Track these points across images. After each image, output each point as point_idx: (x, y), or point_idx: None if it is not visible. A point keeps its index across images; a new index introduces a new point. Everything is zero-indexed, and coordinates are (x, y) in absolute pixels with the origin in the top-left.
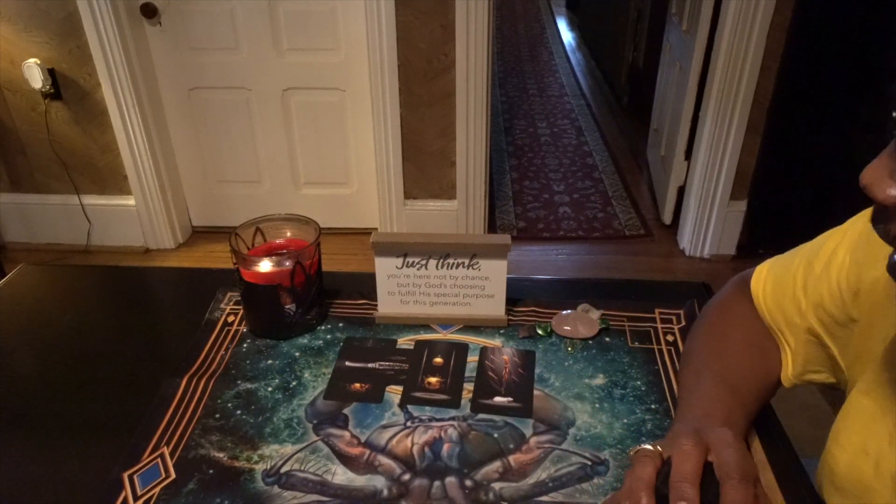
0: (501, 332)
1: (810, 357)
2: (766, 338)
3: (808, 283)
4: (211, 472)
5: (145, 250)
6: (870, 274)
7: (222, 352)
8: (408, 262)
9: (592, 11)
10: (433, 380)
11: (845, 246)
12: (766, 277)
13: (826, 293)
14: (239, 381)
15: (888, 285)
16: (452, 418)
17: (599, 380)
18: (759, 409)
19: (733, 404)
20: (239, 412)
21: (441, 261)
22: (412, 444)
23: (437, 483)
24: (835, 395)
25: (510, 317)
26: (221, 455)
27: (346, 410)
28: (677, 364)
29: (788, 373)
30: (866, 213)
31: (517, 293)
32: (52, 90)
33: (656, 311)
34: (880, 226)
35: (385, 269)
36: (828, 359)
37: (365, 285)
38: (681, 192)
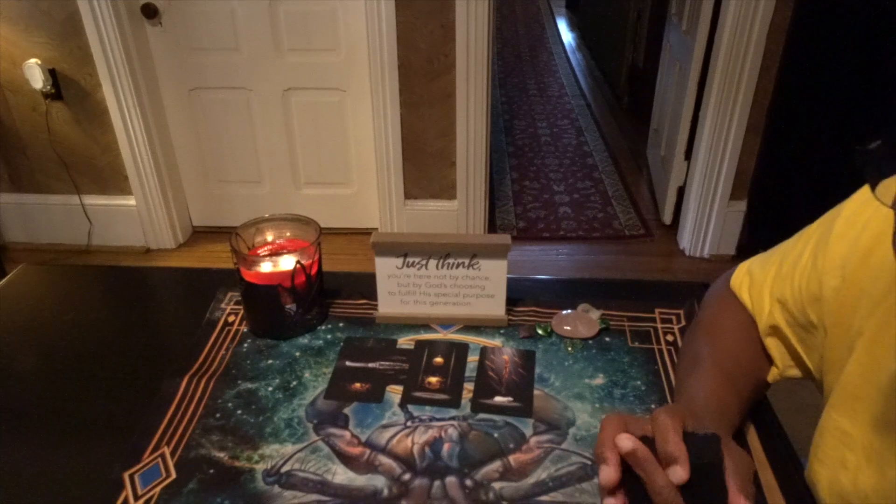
0: (501, 331)
1: (781, 353)
2: (757, 329)
3: (775, 282)
4: (211, 471)
5: (146, 250)
6: (829, 283)
7: (223, 352)
8: (408, 262)
9: (592, 12)
10: (433, 379)
11: (809, 250)
12: (744, 276)
13: (789, 293)
14: (239, 381)
15: (846, 296)
16: (453, 418)
17: (599, 380)
18: (754, 396)
19: (727, 393)
20: (239, 412)
21: (441, 261)
22: (412, 444)
23: (437, 483)
24: None
25: (510, 317)
26: (222, 455)
27: (346, 410)
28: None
29: (772, 369)
30: (826, 218)
31: (517, 293)
32: (52, 90)
33: (656, 311)
34: None
35: (385, 269)
36: (794, 357)
37: (365, 285)
38: (681, 192)
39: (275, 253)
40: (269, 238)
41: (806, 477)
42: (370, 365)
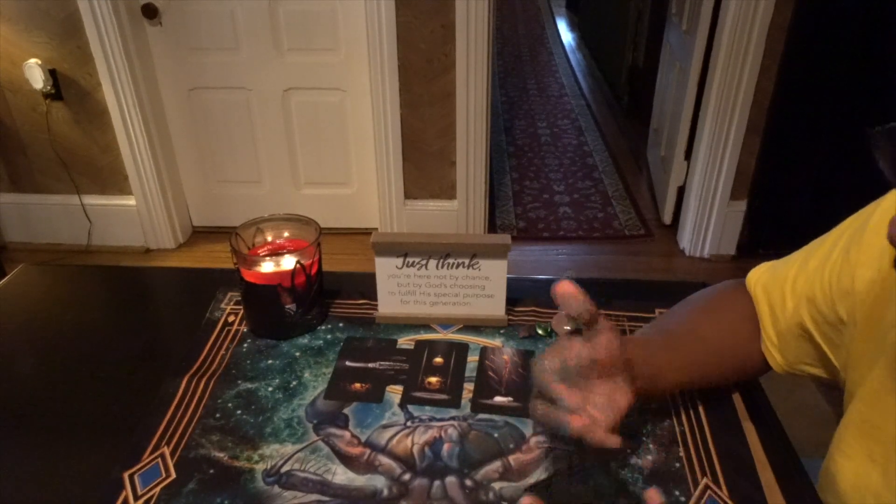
0: (501, 331)
1: (802, 351)
2: (744, 320)
3: (798, 278)
4: (211, 471)
5: (146, 250)
6: (863, 275)
7: (222, 352)
8: (408, 262)
9: (592, 11)
10: (433, 380)
11: (841, 245)
12: (762, 273)
13: (818, 290)
14: (239, 381)
15: (882, 288)
16: (452, 418)
17: None
18: (709, 373)
19: (662, 350)
20: (239, 412)
21: (441, 261)
22: (412, 444)
23: (437, 483)
24: (834, 395)
25: (510, 317)
26: (222, 455)
27: (346, 410)
28: None
29: (779, 360)
30: (862, 213)
31: (517, 293)
32: (52, 90)
33: (656, 311)
34: None
35: (385, 269)
36: (819, 356)
37: (365, 285)
38: (681, 191)
39: (275, 253)
40: (269, 238)
41: (825, 469)
42: (370, 365)
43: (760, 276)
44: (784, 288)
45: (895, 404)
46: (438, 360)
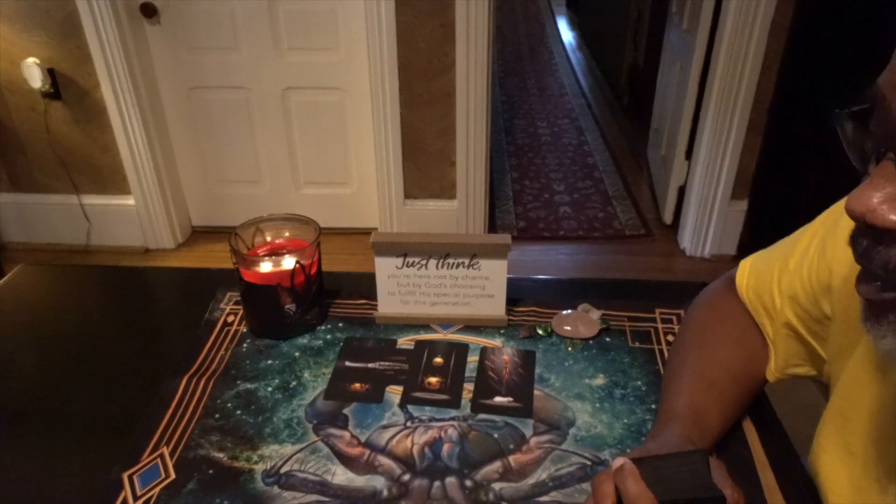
0: (501, 332)
1: (790, 351)
2: (753, 332)
3: (782, 278)
4: (211, 472)
5: (145, 250)
6: (839, 272)
7: (222, 352)
8: (408, 262)
9: (592, 11)
10: (433, 380)
11: (816, 242)
12: (749, 272)
13: (799, 289)
14: (239, 381)
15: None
16: (452, 418)
17: (600, 380)
18: (742, 401)
19: (707, 401)
20: (239, 412)
21: (441, 261)
22: (412, 445)
23: (437, 483)
24: None
25: (510, 317)
26: (221, 455)
27: (346, 410)
28: None
29: (771, 366)
30: (834, 210)
31: (517, 293)
32: (51, 90)
33: (657, 311)
34: (878, 251)
35: (385, 269)
36: (807, 353)
37: (365, 285)
38: (681, 191)
39: (274, 253)
40: (269, 238)
41: (809, 464)
42: (370, 365)
43: (748, 281)
44: (772, 289)
45: (868, 396)
46: (438, 360)
